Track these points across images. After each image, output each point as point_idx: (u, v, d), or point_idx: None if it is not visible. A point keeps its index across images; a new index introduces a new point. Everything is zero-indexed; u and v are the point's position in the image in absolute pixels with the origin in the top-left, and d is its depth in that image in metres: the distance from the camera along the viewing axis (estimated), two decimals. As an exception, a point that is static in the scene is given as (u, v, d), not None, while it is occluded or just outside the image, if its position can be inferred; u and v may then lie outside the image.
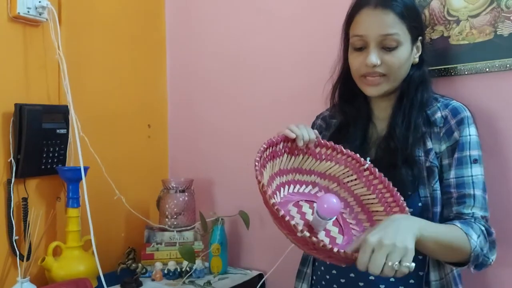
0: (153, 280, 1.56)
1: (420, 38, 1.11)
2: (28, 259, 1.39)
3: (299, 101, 1.58)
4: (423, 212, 1.03)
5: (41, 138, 1.45)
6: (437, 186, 1.05)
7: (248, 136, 1.74)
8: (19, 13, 1.40)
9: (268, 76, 1.69)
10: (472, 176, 1.03)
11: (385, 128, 1.13)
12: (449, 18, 1.28)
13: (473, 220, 1.00)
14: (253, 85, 1.73)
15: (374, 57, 1.05)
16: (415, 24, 1.07)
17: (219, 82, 1.83)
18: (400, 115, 1.09)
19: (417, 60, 1.11)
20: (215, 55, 1.83)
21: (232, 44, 1.78)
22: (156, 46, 1.94)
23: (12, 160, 1.40)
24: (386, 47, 1.05)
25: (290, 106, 1.61)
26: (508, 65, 1.20)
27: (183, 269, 1.57)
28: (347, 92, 1.17)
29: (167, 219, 1.72)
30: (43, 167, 1.47)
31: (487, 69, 1.23)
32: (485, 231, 0.99)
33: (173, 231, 1.69)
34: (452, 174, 1.05)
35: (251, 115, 1.74)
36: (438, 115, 1.08)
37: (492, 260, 1.01)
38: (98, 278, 1.50)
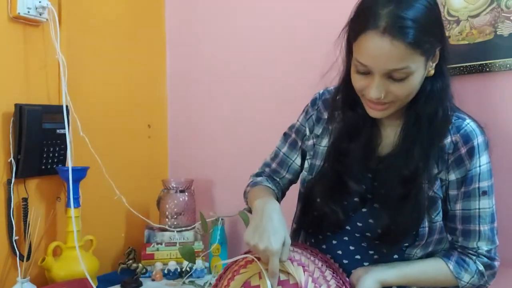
0: (153, 280, 1.56)
1: (439, 48, 0.95)
2: (28, 259, 1.39)
3: (299, 100, 1.57)
4: (416, 241, 1.00)
5: (41, 138, 1.45)
6: (437, 218, 0.99)
7: (248, 136, 1.74)
8: (19, 13, 1.40)
9: (268, 76, 1.69)
10: (479, 209, 0.99)
11: (393, 141, 1.02)
12: (449, 18, 1.28)
13: (474, 257, 1.00)
14: (253, 85, 1.73)
15: (377, 92, 0.92)
16: (433, 41, 0.91)
17: (219, 82, 1.83)
18: (418, 146, 0.97)
19: (432, 72, 0.96)
20: (215, 55, 1.83)
21: (232, 44, 1.78)
22: (156, 46, 1.95)
23: (12, 160, 1.40)
24: (394, 78, 0.91)
25: (290, 105, 1.59)
26: (508, 65, 1.20)
27: (183, 269, 1.57)
28: (349, 97, 1.04)
29: (167, 219, 1.72)
30: (43, 167, 1.47)
31: (487, 69, 1.23)
32: (482, 270, 1.00)
33: (173, 231, 1.69)
34: (459, 206, 1.00)
35: (251, 115, 1.74)
36: (448, 140, 0.99)
37: (490, 284, 1.03)
38: (98, 278, 1.51)
